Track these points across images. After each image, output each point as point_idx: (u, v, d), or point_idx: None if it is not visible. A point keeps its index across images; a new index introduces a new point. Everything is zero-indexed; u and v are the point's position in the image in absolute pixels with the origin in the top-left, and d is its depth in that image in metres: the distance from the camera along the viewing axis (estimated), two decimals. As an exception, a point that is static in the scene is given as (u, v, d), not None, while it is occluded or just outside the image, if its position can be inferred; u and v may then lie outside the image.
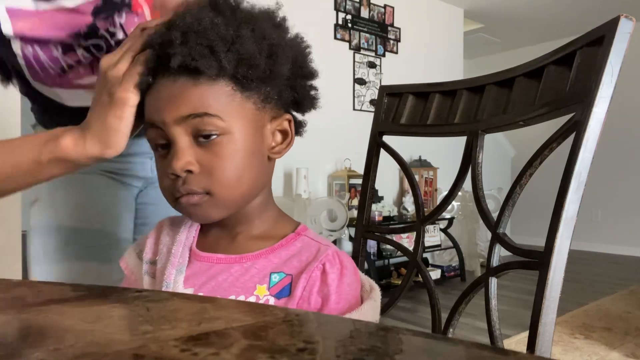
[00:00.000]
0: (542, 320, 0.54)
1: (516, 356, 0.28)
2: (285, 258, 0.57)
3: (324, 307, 0.54)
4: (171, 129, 0.54)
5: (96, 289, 0.49)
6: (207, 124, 0.53)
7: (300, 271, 0.55)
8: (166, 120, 0.53)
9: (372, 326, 0.34)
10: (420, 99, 0.83)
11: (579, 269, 4.43)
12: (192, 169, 0.53)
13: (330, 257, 0.56)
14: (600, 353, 2.37)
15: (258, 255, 0.57)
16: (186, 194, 0.54)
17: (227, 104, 0.54)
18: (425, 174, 4.06)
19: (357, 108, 3.86)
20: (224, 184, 0.54)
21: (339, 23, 3.74)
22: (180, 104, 0.53)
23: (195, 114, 0.53)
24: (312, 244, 0.58)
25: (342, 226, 3.03)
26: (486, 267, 0.66)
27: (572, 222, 0.54)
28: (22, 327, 0.35)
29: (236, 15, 0.55)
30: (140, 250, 0.66)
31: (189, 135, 0.54)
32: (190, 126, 0.53)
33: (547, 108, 0.62)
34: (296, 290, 0.54)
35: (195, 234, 0.62)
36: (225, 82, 0.54)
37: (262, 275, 0.56)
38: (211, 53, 0.51)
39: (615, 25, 0.55)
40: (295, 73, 0.59)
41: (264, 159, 0.59)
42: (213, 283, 0.57)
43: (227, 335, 0.31)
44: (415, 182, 0.84)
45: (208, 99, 0.53)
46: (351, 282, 0.56)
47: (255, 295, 0.55)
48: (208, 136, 0.53)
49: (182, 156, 0.53)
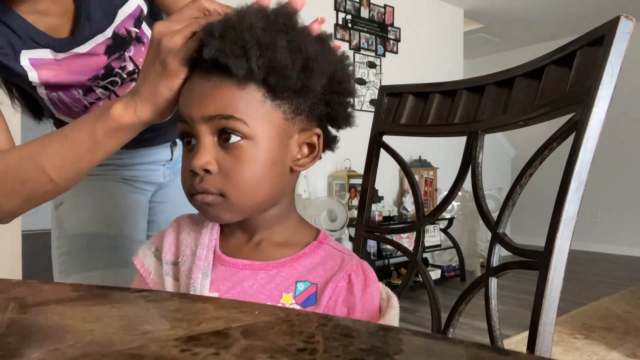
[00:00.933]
0: (542, 320, 0.54)
1: (516, 356, 0.28)
2: (310, 267, 0.57)
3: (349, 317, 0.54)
4: (197, 126, 0.54)
5: (96, 289, 0.49)
6: (231, 127, 0.53)
7: (326, 280, 0.55)
8: (193, 117, 0.54)
9: (372, 326, 0.34)
10: (420, 99, 0.83)
11: (579, 269, 4.43)
12: (211, 169, 0.53)
13: (355, 267, 0.56)
14: (600, 353, 2.37)
15: (283, 263, 0.57)
16: (201, 192, 0.55)
17: (255, 110, 0.54)
18: (425, 174, 4.06)
19: (357, 108, 3.86)
20: (239, 188, 0.54)
21: (339, 23, 3.74)
22: (209, 102, 0.53)
23: (222, 115, 0.53)
24: (336, 254, 0.59)
25: (342, 226, 3.03)
26: (486, 267, 0.66)
27: (572, 222, 0.54)
28: (22, 327, 0.35)
29: (278, 23, 0.54)
30: (157, 248, 0.64)
31: (213, 135, 0.54)
32: (215, 126, 0.53)
33: (547, 108, 0.62)
34: (322, 299, 0.54)
35: (217, 236, 0.62)
36: (256, 87, 0.53)
37: (287, 284, 0.56)
38: (243, 54, 0.51)
39: (615, 25, 0.55)
40: (332, 89, 0.58)
41: (286, 170, 0.58)
42: (239, 289, 0.56)
43: (227, 335, 0.31)
44: (415, 182, 0.84)
45: (236, 102, 0.53)
46: (373, 292, 0.57)
47: (281, 304, 0.55)
48: (228, 138, 0.53)
49: (203, 155, 0.53)
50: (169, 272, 0.61)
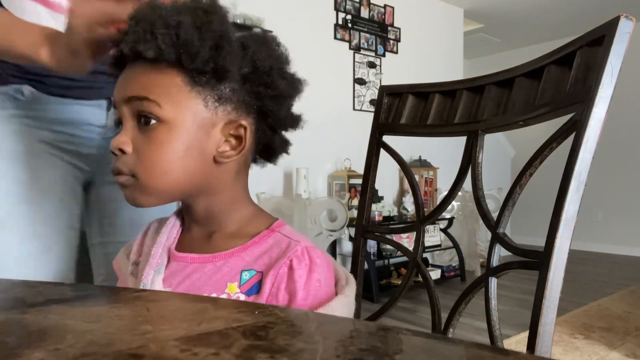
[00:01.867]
0: (542, 320, 0.54)
1: (516, 356, 0.28)
2: (257, 255, 0.58)
3: (291, 304, 0.54)
4: (120, 108, 0.57)
5: (96, 289, 0.49)
6: (146, 109, 0.55)
7: (269, 268, 0.56)
8: (116, 98, 0.57)
9: (372, 326, 0.34)
10: (420, 99, 0.83)
11: (579, 269, 4.43)
12: (125, 149, 0.56)
13: (299, 253, 0.56)
14: (600, 353, 2.37)
15: (231, 253, 0.58)
16: (117, 173, 0.57)
17: (173, 94, 0.55)
18: (425, 174, 4.06)
19: (357, 108, 3.86)
20: (148, 169, 0.55)
21: (339, 23, 3.74)
22: (128, 85, 0.56)
23: (137, 96, 0.55)
24: (284, 240, 0.58)
25: (342, 226, 3.03)
26: (486, 267, 0.66)
27: (572, 222, 0.54)
28: (22, 327, 0.35)
29: (188, 6, 0.56)
30: (129, 252, 0.67)
31: (133, 118, 0.56)
32: (133, 108, 0.56)
33: (547, 108, 0.62)
34: (264, 287, 0.55)
35: (177, 235, 0.64)
36: (175, 72, 0.55)
37: (233, 274, 0.57)
38: (150, 36, 0.53)
39: (615, 25, 0.55)
40: (259, 80, 0.59)
41: (207, 158, 0.58)
42: (188, 282, 0.58)
43: (227, 335, 0.31)
44: (415, 182, 0.84)
45: (153, 84, 0.55)
46: (322, 279, 0.56)
47: (226, 293, 0.56)
48: (148, 122, 0.55)
49: (120, 135, 0.56)
50: (131, 271, 0.64)
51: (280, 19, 3.26)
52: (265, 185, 3.19)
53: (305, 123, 0.65)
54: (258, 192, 3.08)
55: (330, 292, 0.57)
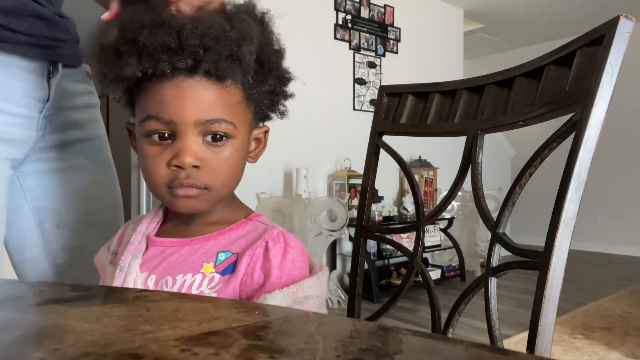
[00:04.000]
0: (542, 320, 0.54)
1: (516, 356, 0.28)
2: (234, 239, 0.60)
3: (266, 282, 0.56)
4: (185, 128, 0.55)
5: (96, 289, 0.49)
6: (222, 129, 0.57)
7: (245, 250, 0.58)
8: (184, 120, 0.55)
9: (372, 326, 0.34)
10: (420, 99, 0.83)
11: (579, 269, 4.43)
12: (199, 165, 0.56)
13: (275, 235, 0.58)
14: (600, 353, 2.37)
15: (208, 237, 0.61)
16: (187, 186, 0.57)
17: (240, 113, 0.59)
18: (425, 174, 4.06)
19: (357, 108, 3.86)
20: (223, 182, 0.59)
21: (339, 23, 3.74)
22: (199, 108, 0.55)
23: (214, 119, 0.56)
24: (260, 226, 0.61)
25: (342, 226, 3.03)
26: (486, 267, 0.66)
27: (572, 222, 0.54)
28: (22, 327, 0.35)
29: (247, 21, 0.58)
30: (110, 246, 0.69)
31: (200, 134, 0.57)
32: (205, 128, 0.56)
33: (547, 108, 0.62)
34: (240, 266, 0.57)
35: (157, 225, 0.66)
36: (238, 90, 0.58)
37: (209, 255, 0.59)
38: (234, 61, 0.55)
39: (615, 25, 0.55)
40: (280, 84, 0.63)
41: (246, 162, 0.64)
42: (165, 264, 0.60)
43: (227, 335, 0.31)
44: (415, 182, 0.84)
45: (225, 106, 0.57)
46: (295, 260, 0.58)
47: (201, 273, 0.58)
48: (218, 138, 0.57)
49: (191, 151, 0.56)
50: (110, 260, 0.66)
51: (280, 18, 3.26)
52: (265, 185, 3.19)
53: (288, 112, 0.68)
54: (258, 192, 3.08)
55: (304, 274, 0.59)
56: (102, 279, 0.69)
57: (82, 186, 0.85)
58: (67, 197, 0.84)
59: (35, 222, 0.83)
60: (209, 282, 0.57)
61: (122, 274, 0.60)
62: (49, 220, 0.83)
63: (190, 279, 0.58)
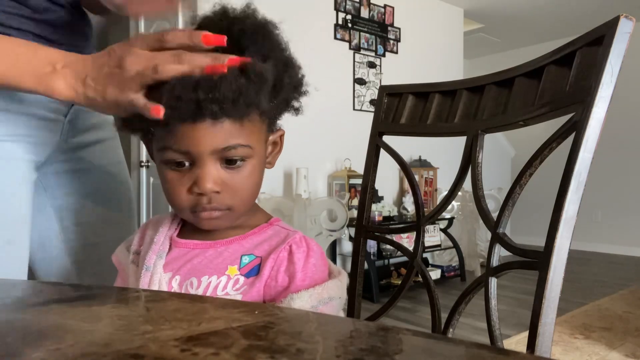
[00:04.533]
0: (542, 320, 0.54)
1: (516, 356, 0.28)
2: (257, 243, 0.61)
3: (290, 285, 0.58)
4: (204, 157, 0.56)
5: (96, 289, 0.49)
6: (239, 154, 0.58)
7: (269, 253, 0.59)
8: (202, 151, 0.55)
9: (372, 326, 0.34)
10: (420, 99, 0.83)
11: (579, 269, 4.43)
12: (220, 190, 0.58)
13: (297, 240, 0.60)
14: (600, 353, 2.37)
15: (231, 240, 0.62)
16: (210, 210, 0.58)
17: (255, 133, 0.59)
18: (425, 174, 4.06)
19: (357, 108, 3.86)
20: (244, 200, 0.60)
21: (339, 23, 3.74)
22: (214, 137, 0.55)
23: (231, 146, 0.56)
24: (282, 231, 0.63)
25: (342, 226, 3.03)
26: (486, 267, 0.66)
27: (572, 222, 0.54)
28: (22, 327, 0.35)
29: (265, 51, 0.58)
30: (129, 244, 0.69)
31: (218, 160, 0.57)
32: (222, 155, 0.57)
33: (547, 108, 0.62)
34: (264, 269, 0.58)
35: (178, 227, 0.67)
36: (254, 114, 0.58)
37: (233, 258, 0.60)
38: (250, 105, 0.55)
39: (615, 25, 0.55)
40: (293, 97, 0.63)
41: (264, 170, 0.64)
42: (189, 266, 0.61)
43: (227, 335, 0.31)
44: (415, 182, 0.84)
45: (241, 131, 0.57)
46: (317, 264, 0.60)
47: (226, 275, 0.59)
48: (235, 161, 0.58)
49: (210, 178, 0.57)
50: (133, 260, 0.66)
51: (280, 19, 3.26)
52: (265, 185, 3.18)
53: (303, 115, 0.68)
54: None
55: (325, 277, 0.61)
56: (121, 278, 0.69)
57: (100, 185, 0.89)
58: (86, 196, 0.87)
59: (56, 221, 0.86)
60: (234, 284, 0.58)
61: (148, 273, 0.61)
62: (68, 218, 0.86)
63: (215, 280, 0.59)
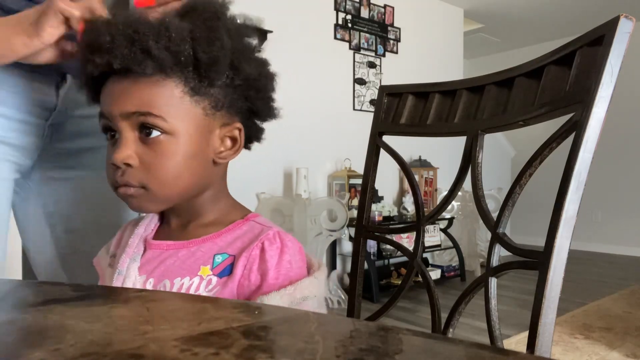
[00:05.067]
0: (542, 320, 0.54)
1: (516, 356, 0.28)
2: (230, 241, 0.60)
3: (263, 283, 0.56)
4: (118, 122, 0.56)
5: (96, 289, 0.49)
6: (150, 122, 0.55)
7: (242, 251, 0.58)
8: (113, 113, 0.56)
9: (372, 326, 0.34)
10: (420, 99, 0.83)
11: (579, 269, 4.42)
12: (132, 163, 0.56)
13: (271, 236, 0.58)
14: (600, 353, 2.37)
15: (205, 239, 0.61)
16: (123, 185, 0.57)
17: (174, 106, 0.56)
18: (425, 174, 4.06)
19: (357, 108, 3.86)
20: (160, 181, 0.57)
21: (339, 23, 3.74)
22: (127, 100, 0.55)
23: (140, 112, 0.55)
24: (257, 227, 0.61)
25: (342, 226, 3.03)
26: (486, 267, 0.66)
27: (572, 222, 0.54)
28: (22, 327, 0.35)
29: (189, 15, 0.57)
30: (109, 248, 0.70)
31: (134, 130, 0.56)
32: (135, 122, 0.56)
33: (547, 108, 0.62)
34: (236, 268, 0.57)
35: (154, 228, 0.66)
36: (174, 84, 0.56)
37: (206, 257, 0.59)
38: (143, 52, 0.53)
39: (615, 25, 0.55)
40: (250, 85, 0.61)
41: (208, 162, 0.61)
42: (163, 267, 0.60)
43: (227, 335, 0.31)
44: (415, 182, 0.84)
45: (154, 98, 0.55)
46: (292, 260, 0.58)
47: (199, 276, 0.58)
48: (151, 133, 0.56)
49: (123, 149, 0.56)
50: (109, 263, 0.66)
51: (280, 19, 3.26)
52: (265, 185, 3.19)
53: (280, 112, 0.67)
54: (258, 192, 3.08)
55: (302, 274, 0.59)
56: (101, 281, 0.69)
57: (92, 193, 0.87)
58: (77, 203, 0.86)
59: (47, 228, 0.86)
60: (207, 284, 0.57)
61: (120, 277, 0.61)
62: (59, 225, 0.86)
63: (187, 282, 0.58)
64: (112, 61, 0.53)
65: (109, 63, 0.54)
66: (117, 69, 0.54)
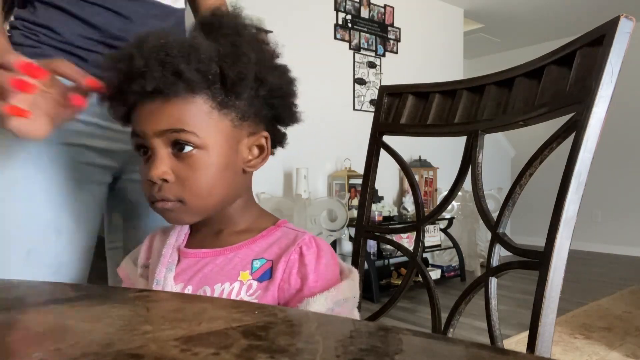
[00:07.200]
0: (542, 320, 0.54)
1: (516, 356, 0.28)
2: (266, 246, 0.61)
3: (303, 287, 0.58)
4: (151, 140, 0.58)
5: (96, 289, 0.49)
6: (183, 139, 0.57)
7: (280, 256, 0.59)
8: (147, 132, 0.58)
9: (372, 326, 0.34)
10: (420, 99, 0.83)
11: (579, 269, 4.42)
12: (168, 178, 0.58)
13: (307, 241, 0.60)
14: (600, 353, 2.37)
15: (240, 246, 0.62)
16: (160, 200, 0.59)
17: (204, 121, 0.58)
18: (425, 174, 4.05)
19: (357, 108, 3.86)
20: (196, 194, 0.59)
21: (339, 23, 3.74)
22: (160, 119, 0.57)
23: (173, 129, 0.57)
24: (291, 232, 0.63)
25: (342, 226, 3.03)
26: (486, 267, 0.66)
27: (572, 222, 0.54)
28: (22, 327, 0.35)
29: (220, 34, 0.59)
30: (136, 257, 0.70)
31: (167, 147, 0.58)
32: (168, 139, 0.58)
33: (547, 108, 0.62)
34: (276, 272, 0.58)
35: (185, 237, 0.67)
36: (203, 101, 0.58)
37: (244, 263, 0.60)
38: (178, 77, 0.55)
39: (615, 25, 0.55)
40: (274, 94, 0.62)
41: (238, 172, 0.63)
42: (200, 275, 0.61)
43: (227, 335, 0.31)
44: (415, 182, 0.84)
45: (185, 115, 0.57)
46: (328, 264, 0.60)
47: (239, 281, 0.59)
48: (184, 149, 0.58)
49: (159, 165, 0.58)
50: (142, 274, 0.67)
51: (280, 19, 3.26)
52: (265, 185, 3.19)
53: (303, 116, 0.68)
54: (258, 192, 3.08)
55: (336, 277, 0.61)
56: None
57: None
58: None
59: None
60: (248, 289, 0.58)
61: (158, 287, 0.61)
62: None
63: (228, 287, 0.59)
64: (146, 85, 0.55)
65: (142, 87, 0.55)
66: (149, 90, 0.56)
